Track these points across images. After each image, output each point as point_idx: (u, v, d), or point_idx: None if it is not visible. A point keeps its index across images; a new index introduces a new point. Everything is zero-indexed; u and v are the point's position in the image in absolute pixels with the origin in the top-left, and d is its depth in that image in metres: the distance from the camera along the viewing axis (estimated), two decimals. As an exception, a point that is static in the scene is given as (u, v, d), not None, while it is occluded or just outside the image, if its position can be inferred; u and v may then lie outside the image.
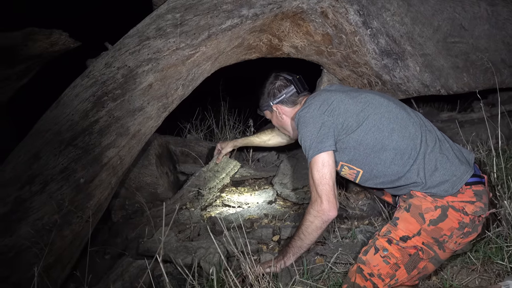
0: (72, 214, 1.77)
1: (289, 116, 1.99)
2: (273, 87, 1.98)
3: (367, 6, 2.53)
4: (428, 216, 1.62)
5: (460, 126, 2.90)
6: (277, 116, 2.01)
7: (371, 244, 1.65)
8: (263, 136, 2.57)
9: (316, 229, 1.67)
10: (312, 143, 1.68)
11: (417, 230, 1.62)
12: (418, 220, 1.63)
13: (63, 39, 2.42)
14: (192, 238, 2.24)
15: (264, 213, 2.48)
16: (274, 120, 2.06)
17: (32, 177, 1.75)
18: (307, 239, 1.70)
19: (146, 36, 2.13)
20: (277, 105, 1.97)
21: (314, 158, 1.67)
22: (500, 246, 1.80)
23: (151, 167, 2.60)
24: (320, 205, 1.64)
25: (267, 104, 1.99)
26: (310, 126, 1.71)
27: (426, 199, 1.65)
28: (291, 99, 1.96)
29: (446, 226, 1.61)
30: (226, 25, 2.25)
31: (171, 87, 2.16)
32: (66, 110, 1.94)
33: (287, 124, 2.02)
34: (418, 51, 2.70)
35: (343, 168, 1.79)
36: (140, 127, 2.06)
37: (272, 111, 2.01)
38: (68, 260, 1.78)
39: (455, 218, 1.61)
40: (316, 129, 1.69)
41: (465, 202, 1.63)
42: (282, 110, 1.98)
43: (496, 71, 2.86)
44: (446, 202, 1.63)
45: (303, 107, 1.80)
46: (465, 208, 1.62)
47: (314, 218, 1.66)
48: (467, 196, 1.64)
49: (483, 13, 2.89)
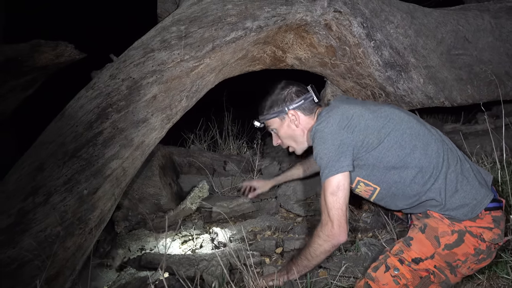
0: (75, 225, 1.76)
1: (302, 127, 1.82)
2: (290, 92, 1.82)
3: (370, 18, 2.54)
4: (444, 240, 1.56)
5: (464, 138, 2.89)
6: (289, 125, 1.82)
7: (381, 260, 1.59)
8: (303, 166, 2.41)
9: (324, 252, 1.63)
10: (328, 162, 1.58)
11: (431, 253, 1.57)
12: (433, 244, 1.57)
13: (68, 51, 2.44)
14: (195, 250, 2.24)
15: (267, 224, 2.47)
16: (283, 130, 1.85)
17: (35, 189, 1.75)
18: (314, 260, 1.66)
19: (150, 48, 2.15)
20: (294, 111, 1.80)
21: (329, 179, 1.59)
22: (505, 260, 1.79)
23: (154, 178, 2.61)
24: (331, 230, 1.58)
25: (280, 110, 1.80)
26: (328, 143, 1.60)
27: (443, 222, 1.59)
28: (308, 106, 1.81)
29: (461, 251, 1.56)
30: (230, 37, 2.26)
31: (175, 98, 2.17)
32: (70, 122, 1.95)
33: (298, 134, 1.84)
34: (422, 63, 2.70)
35: (359, 184, 1.70)
36: (144, 139, 2.06)
37: (283, 118, 1.82)
38: (70, 272, 1.77)
39: (471, 244, 1.55)
40: (334, 147, 1.59)
41: (483, 228, 1.56)
42: (298, 117, 1.81)
43: (500, 83, 2.86)
44: (464, 227, 1.56)
45: (320, 121, 1.65)
46: (483, 234, 1.56)
47: (323, 241, 1.60)
48: (486, 222, 1.57)
49: (486, 26, 2.90)
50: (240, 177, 3.10)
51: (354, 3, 2.49)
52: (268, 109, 1.84)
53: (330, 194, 1.58)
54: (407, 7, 2.75)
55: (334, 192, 1.58)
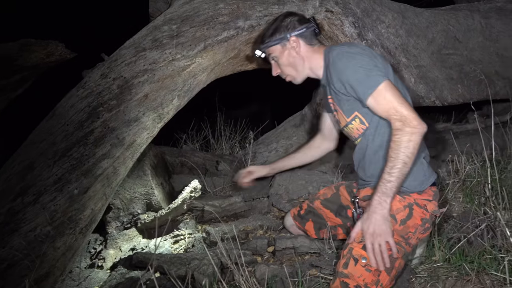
0: (65, 225, 1.75)
1: (303, 54, 1.82)
2: (293, 20, 1.83)
3: (362, 18, 2.55)
4: (399, 216, 1.66)
5: (455, 137, 2.91)
6: (290, 52, 1.82)
7: (348, 255, 1.59)
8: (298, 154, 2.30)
9: (417, 145, 1.53)
10: (370, 71, 1.59)
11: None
12: (391, 222, 1.63)
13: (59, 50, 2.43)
14: (187, 249, 2.23)
15: (259, 224, 2.47)
16: (284, 57, 1.84)
17: (25, 188, 1.74)
18: (411, 160, 1.54)
19: (142, 47, 2.14)
20: (296, 38, 1.80)
21: (383, 84, 1.57)
22: (494, 256, 1.80)
23: (146, 177, 2.60)
24: (412, 121, 1.52)
25: (282, 37, 1.80)
26: (357, 58, 1.62)
27: (395, 199, 1.64)
28: (310, 35, 1.83)
29: (412, 223, 1.67)
30: (222, 37, 2.27)
31: (166, 97, 2.16)
32: (61, 121, 1.94)
33: (298, 62, 1.84)
34: (413, 62, 2.72)
35: (355, 120, 1.74)
36: (135, 138, 2.05)
37: (284, 45, 1.82)
38: (60, 272, 1.76)
39: (418, 215, 1.68)
40: (367, 60, 1.61)
41: (426, 200, 1.71)
42: (299, 44, 1.81)
43: (489, 82, 2.89)
44: (413, 200, 1.69)
45: (338, 46, 1.70)
46: (427, 206, 1.71)
47: (412, 135, 1.52)
48: (427, 195, 1.73)
49: (477, 26, 2.93)
50: (232, 177, 3.10)
51: (345, 3, 2.50)
52: (270, 36, 1.84)
53: (392, 94, 1.56)
54: (398, 7, 2.77)
55: (394, 91, 1.57)
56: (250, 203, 2.78)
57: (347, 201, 2.04)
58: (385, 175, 1.57)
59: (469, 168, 2.44)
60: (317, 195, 2.18)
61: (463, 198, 2.34)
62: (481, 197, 2.21)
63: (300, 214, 2.18)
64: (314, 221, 2.13)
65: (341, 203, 2.06)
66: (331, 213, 2.07)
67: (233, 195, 2.85)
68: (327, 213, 2.09)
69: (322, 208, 2.11)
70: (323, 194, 2.15)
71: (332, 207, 2.08)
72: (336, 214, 2.06)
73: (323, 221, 2.11)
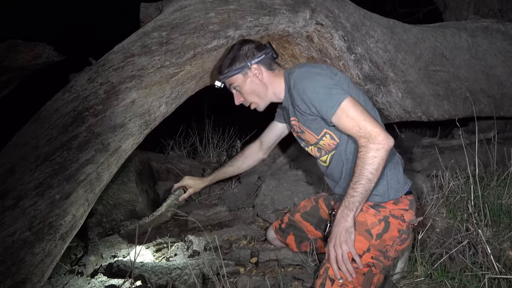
0: (45, 231, 1.72)
1: (266, 81, 1.83)
2: (250, 47, 1.83)
3: (351, 32, 2.58)
4: (375, 231, 1.66)
5: (440, 152, 2.95)
6: (252, 80, 1.82)
7: (324, 275, 1.60)
8: (235, 163, 2.31)
9: (382, 161, 1.53)
10: (331, 90, 1.59)
11: (367, 247, 1.63)
12: (366, 237, 1.64)
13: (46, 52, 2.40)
14: (169, 258, 2.21)
15: (243, 234, 2.46)
16: (246, 86, 1.83)
17: (5, 192, 1.70)
18: (375, 176, 1.54)
19: (131, 53, 2.13)
20: (257, 65, 1.81)
21: (345, 102, 1.57)
22: (475, 273, 1.81)
23: (130, 184, 2.57)
24: (377, 137, 1.52)
25: (242, 66, 1.80)
26: (318, 78, 1.63)
27: (368, 213, 1.68)
28: (269, 61, 1.84)
29: (388, 236, 1.67)
30: (212, 45, 2.26)
31: (154, 104, 2.15)
32: (45, 124, 1.91)
33: (262, 90, 1.84)
34: (401, 77, 2.75)
35: (325, 136, 1.74)
36: (120, 144, 2.03)
37: (246, 74, 1.82)
38: (38, 279, 1.72)
39: (395, 226, 1.68)
40: (327, 80, 1.63)
41: (403, 210, 1.72)
42: (262, 71, 1.82)
43: (475, 100, 2.93)
44: (389, 212, 1.70)
45: (300, 67, 1.72)
46: (404, 215, 1.71)
47: (376, 151, 1.52)
48: (404, 205, 1.73)
49: (463, 44, 2.97)
50: (218, 185, 3.08)
51: (336, 17, 2.52)
52: (229, 66, 1.83)
53: (354, 111, 1.57)
54: (387, 22, 2.80)
55: (356, 107, 1.57)
56: (235, 212, 2.77)
57: (325, 214, 2.04)
58: (350, 190, 1.58)
59: (453, 184, 2.47)
60: (298, 207, 2.18)
61: (446, 213, 2.36)
62: (464, 214, 2.23)
63: (282, 227, 2.17)
64: (295, 234, 2.12)
65: (320, 216, 2.06)
66: (311, 226, 2.07)
67: (218, 204, 2.83)
68: (307, 226, 2.08)
69: (302, 221, 2.11)
70: (303, 207, 2.15)
71: (312, 220, 2.08)
72: (316, 227, 2.06)
73: (304, 234, 2.10)
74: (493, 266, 1.77)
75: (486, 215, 2.11)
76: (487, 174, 2.63)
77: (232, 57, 1.83)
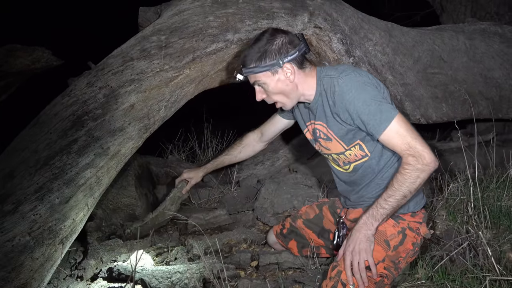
0: (45, 235, 1.71)
1: (297, 81, 1.66)
2: (284, 42, 1.61)
3: (350, 35, 2.59)
4: (393, 242, 1.64)
5: (439, 155, 2.95)
6: (283, 79, 1.63)
7: (336, 278, 1.58)
8: (232, 151, 2.27)
9: (423, 182, 1.53)
10: (381, 105, 1.53)
11: (382, 257, 1.62)
12: (384, 248, 1.62)
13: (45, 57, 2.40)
14: (169, 262, 2.20)
15: (243, 237, 2.45)
16: (274, 84, 1.65)
17: (4, 197, 1.69)
18: (411, 195, 1.54)
19: (130, 57, 2.13)
20: (290, 65, 1.62)
21: (396, 117, 1.53)
22: (476, 276, 1.81)
23: (130, 188, 2.56)
24: (426, 158, 1.49)
25: (273, 63, 1.59)
26: (368, 89, 1.55)
27: (388, 223, 1.66)
28: (301, 58, 1.66)
29: (403, 249, 1.66)
30: (211, 49, 2.27)
31: (153, 108, 2.15)
32: (44, 129, 1.91)
33: (291, 89, 1.67)
34: (399, 80, 2.76)
35: (355, 147, 1.68)
36: (120, 148, 2.03)
37: (276, 72, 1.62)
38: (38, 283, 1.71)
39: (410, 239, 1.67)
40: (376, 92, 1.56)
41: (418, 223, 1.72)
42: (294, 71, 1.64)
43: (473, 102, 2.94)
44: (407, 224, 1.69)
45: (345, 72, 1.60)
46: (419, 229, 1.71)
47: (422, 172, 1.50)
48: (419, 218, 1.73)
49: (461, 46, 2.99)
50: (217, 189, 3.08)
51: (334, 20, 2.53)
52: (258, 61, 1.61)
53: (405, 128, 1.53)
54: (385, 25, 2.81)
55: (407, 125, 1.54)
56: (235, 216, 2.76)
57: (329, 224, 2.02)
58: (381, 200, 1.57)
59: (452, 186, 2.47)
60: (299, 213, 2.15)
61: (446, 216, 2.36)
62: (464, 216, 2.23)
63: (283, 232, 2.16)
64: (297, 240, 2.11)
65: (323, 226, 2.05)
66: (314, 234, 2.06)
67: (217, 207, 2.83)
68: (310, 234, 2.07)
69: (304, 228, 2.09)
70: (305, 213, 2.12)
71: (314, 228, 2.06)
72: (319, 236, 2.05)
73: (306, 241, 2.09)
74: (494, 268, 1.77)
75: (486, 217, 2.11)
76: (486, 176, 2.63)
77: (262, 50, 1.61)
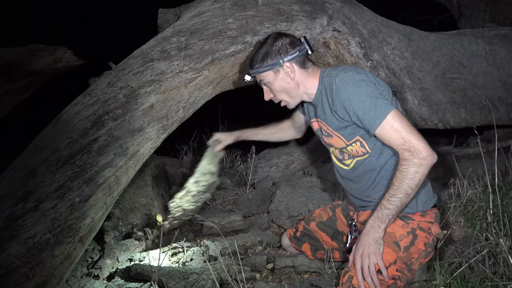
0: (65, 233, 1.73)
1: (297, 80, 1.75)
2: (284, 42, 1.73)
3: (368, 39, 2.58)
4: (403, 243, 1.63)
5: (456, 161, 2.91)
6: (284, 78, 1.74)
7: (347, 283, 1.57)
8: (268, 129, 2.30)
9: (423, 177, 1.52)
10: (377, 101, 1.54)
11: (394, 259, 1.60)
12: (394, 249, 1.61)
13: (67, 57, 2.43)
14: (185, 263, 2.21)
15: (258, 239, 2.45)
16: (277, 83, 1.75)
17: (26, 194, 1.72)
18: (414, 192, 1.53)
19: (150, 57, 2.15)
20: (289, 63, 1.72)
21: (391, 114, 1.53)
22: (496, 284, 1.79)
23: (147, 188, 2.58)
24: (422, 152, 1.49)
25: (274, 63, 1.71)
26: (363, 86, 1.57)
27: (396, 224, 1.64)
28: (303, 59, 1.75)
29: (415, 249, 1.64)
30: (229, 51, 2.28)
31: (172, 109, 2.17)
32: (65, 128, 1.93)
33: (292, 88, 1.76)
34: (417, 85, 2.74)
35: (355, 143, 1.69)
36: (139, 148, 2.05)
37: (277, 71, 1.73)
38: (58, 281, 1.73)
39: (421, 239, 1.65)
40: (372, 89, 1.57)
41: (429, 222, 1.69)
42: (294, 70, 1.73)
43: (493, 108, 2.90)
44: (417, 224, 1.67)
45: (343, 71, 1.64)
46: (431, 228, 1.68)
47: (419, 166, 1.49)
48: (430, 217, 1.71)
49: (481, 51, 2.96)
50: (232, 191, 3.08)
51: (353, 23, 2.52)
52: (261, 62, 1.74)
53: (400, 123, 1.53)
54: (404, 29, 2.80)
55: (402, 120, 1.54)
56: (250, 219, 2.76)
57: (343, 226, 2.01)
58: (384, 201, 1.56)
59: (470, 192, 2.44)
60: (313, 216, 2.15)
61: (464, 222, 2.33)
62: (483, 223, 2.20)
63: (296, 235, 2.15)
64: (310, 243, 2.10)
65: (336, 228, 2.04)
66: (327, 237, 2.05)
67: (232, 209, 2.83)
68: (323, 236, 2.06)
69: (318, 230, 2.08)
70: (319, 216, 2.12)
71: (328, 230, 2.05)
72: (332, 238, 2.04)
73: (320, 243, 2.08)
74: (514, 276, 1.75)
75: (506, 225, 2.08)
76: (505, 183, 2.60)
77: (265, 52, 1.74)
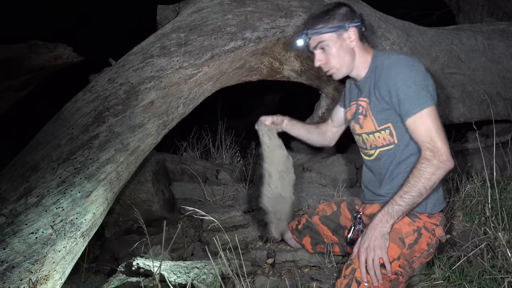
0: (66, 229, 1.74)
1: (356, 50, 1.73)
2: (348, 10, 1.72)
3: (367, 34, 2.58)
4: (408, 240, 1.63)
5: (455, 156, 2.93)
6: (345, 42, 1.70)
7: (350, 276, 1.58)
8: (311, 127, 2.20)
9: (439, 180, 1.53)
10: (421, 91, 1.55)
11: (398, 255, 1.61)
12: (399, 245, 1.62)
13: (66, 53, 2.43)
14: (186, 258, 2.22)
15: (259, 235, 2.46)
16: (336, 48, 1.71)
17: (28, 190, 1.73)
18: (427, 193, 1.54)
19: (150, 54, 2.16)
20: (355, 30, 1.70)
21: (429, 108, 1.54)
22: (494, 277, 1.80)
23: (147, 184, 2.59)
24: (443, 155, 1.50)
25: (340, 25, 1.68)
26: (415, 71, 1.58)
27: (403, 221, 1.65)
28: (361, 31, 1.74)
29: (418, 248, 1.64)
30: (229, 47, 2.28)
31: (172, 105, 2.17)
32: (66, 124, 1.94)
33: (350, 57, 1.73)
34: (416, 80, 2.74)
35: (385, 130, 1.68)
36: (139, 144, 2.06)
37: (340, 35, 1.70)
38: (60, 276, 1.74)
39: (425, 239, 1.66)
40: (422, 77, 1.57)
41: (434, 224, 1.70)
42: (356, 37, 1.71)
43: (491, 103, 2.91)
44: (423, 223, 1.67)
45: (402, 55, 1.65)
46: (435, 230, 1.69)
47: (437, 169, 1.50)
48: (435, 220, 1.71)
49: (479, 46, 2.96)
50: (232, 186, 3.10)
51: (352, 19, 2.53)
52: (326, 22, 1.70)
53: (433, 121, 1.53)
54: (403, 25, 2.81)
55: (436, 119, 1.54)
56: (250, 214, 2.77)
57: (346, 221, 2.02)
58: (397, 197, 1.57)
59: (469, 187, 2.45)
60: (317, 210, 2.16)
61: (462, 217, 2.35)
62: (481, 217, 2.22)
63: (298, 228, 2.17)
64: (311, 236, 2.11)
65: (339, 222, 2.05)
66: (329, 231, 2.06)
67: (232, 205, 2.84)
68: (325, 230, 2.07)
69: (320, 224, 2.09)
70: (322, 210, 2.13)
71: (330, 225, 2.06)
72: (333, 233, 2.05)
73: (320, 237, 2.09)
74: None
75: (504, 219, 2.09)
76: (503, 178, 2.61)
77: (331, 14, 1.71)
